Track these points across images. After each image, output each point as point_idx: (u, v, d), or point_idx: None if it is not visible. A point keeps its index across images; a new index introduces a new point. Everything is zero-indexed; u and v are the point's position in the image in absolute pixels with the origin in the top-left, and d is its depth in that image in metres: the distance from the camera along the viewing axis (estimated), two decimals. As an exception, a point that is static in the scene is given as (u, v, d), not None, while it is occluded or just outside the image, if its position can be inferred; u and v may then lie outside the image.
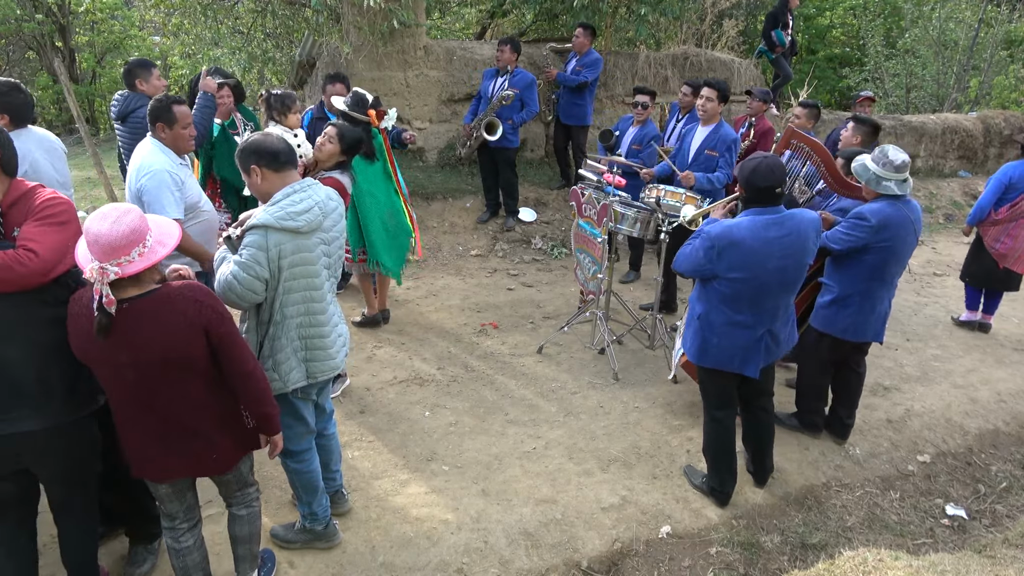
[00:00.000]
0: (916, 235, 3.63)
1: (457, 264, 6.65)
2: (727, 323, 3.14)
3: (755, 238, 2.98)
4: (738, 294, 3.07)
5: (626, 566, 3.12)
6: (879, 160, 3.51)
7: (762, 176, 2.99)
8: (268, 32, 8.81)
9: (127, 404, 2.24)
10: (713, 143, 5.06)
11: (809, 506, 3.60)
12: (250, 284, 2.46)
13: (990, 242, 5.44)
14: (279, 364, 2.64)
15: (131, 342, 2.10)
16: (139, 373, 2.15)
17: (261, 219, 2.47)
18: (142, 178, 3.27)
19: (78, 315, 2.13)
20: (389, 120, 4.52)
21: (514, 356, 4.91)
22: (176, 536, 2.49)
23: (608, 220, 4.51)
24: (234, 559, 2.71)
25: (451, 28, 12.19)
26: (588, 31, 6.90)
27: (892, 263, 3.60)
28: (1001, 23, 12.37)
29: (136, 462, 2.33)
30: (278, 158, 2.54)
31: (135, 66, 4.45)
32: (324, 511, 2.99)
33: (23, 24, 11.78)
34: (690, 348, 3.32)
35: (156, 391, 2.20)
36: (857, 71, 14.08)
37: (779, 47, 8.89)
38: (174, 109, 3.38)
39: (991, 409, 4.63)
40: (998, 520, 3.68)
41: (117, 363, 2.13)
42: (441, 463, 3.68)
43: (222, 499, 2.66)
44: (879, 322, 3.74)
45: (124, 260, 2.06)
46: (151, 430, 2.27)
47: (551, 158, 8.33)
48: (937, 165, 10.38)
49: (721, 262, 3.02)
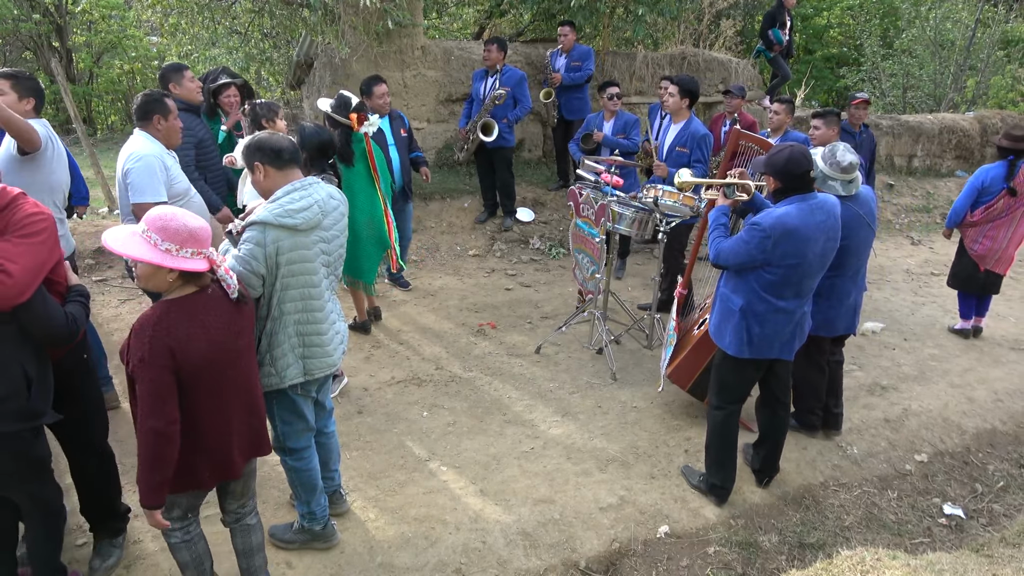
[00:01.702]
0: (871, 228, 3.70)
1: (455, 264, 6.65)
2: (771, 311, 3.16)
3: (806, 224, 3.03)
4: (786, 280, 3.10)
5: (624, 566, 3.12)
6: (827, 159, 3.55)
7: (796, 163, 3.06)
8: (266, 32, 8.80)
9: (225, 394, 2.28)
10: (683, 139, 5.12)
11: (807, 506, 3.60)
12: (247, 279, 2.49)
13: (969, 243, 5.46)
14: (276, 360, 2.66)
15: (232, 313, 2.29)
16: (248, 337, 2.38)
17: (260, 216, 2.51)
18: (129, 163, 3.39)
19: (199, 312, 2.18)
20: (370, 126, 4.42)
21: (512, 356, 4.91)
22: (187, 527, 2.48)
23: (606, 220, 4.51)
24: (245, 570, 2.69)
25: (449, 28, 12.18)
26: (572, 27, 7.09)
27: (852, 259, 3.66)
28: (998, 23, 12.39)
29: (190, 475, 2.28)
30: (281, 156, 2.58)
31: (168, 70, 4.48)
32: (323, 511, 2.99)
33: (20, 24, 11.76)
34: (731, 342, 3.28)
35: (247, 360, 2.38)
36: (854, 71, 14.10)
37: (777, 46, 8.90)
38: (167, 102, 3.54)
39: (988, 408, 4.64)
40: (995, 519, 3.68)
41: (230, 339, 2.26)
42: (439, 463, 3.68)
43: (229, 514, 2.62)
44: (849, 315, 3.81)
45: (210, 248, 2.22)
46: (228, 420, 2.31)
47: (548, 158, 8.33)
48: (934, 165, 10.40)
49: (776, 251, 3.04)
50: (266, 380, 2.66)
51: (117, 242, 2.09)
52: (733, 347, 3.28)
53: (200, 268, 2.15)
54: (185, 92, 4.40)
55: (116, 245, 2.09)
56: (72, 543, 2.99)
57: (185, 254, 2.11)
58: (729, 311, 3.28)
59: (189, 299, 2.18)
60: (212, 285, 2.25)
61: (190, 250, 2.12)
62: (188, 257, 2.12)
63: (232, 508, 2.59)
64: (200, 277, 2.21)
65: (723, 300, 3.35)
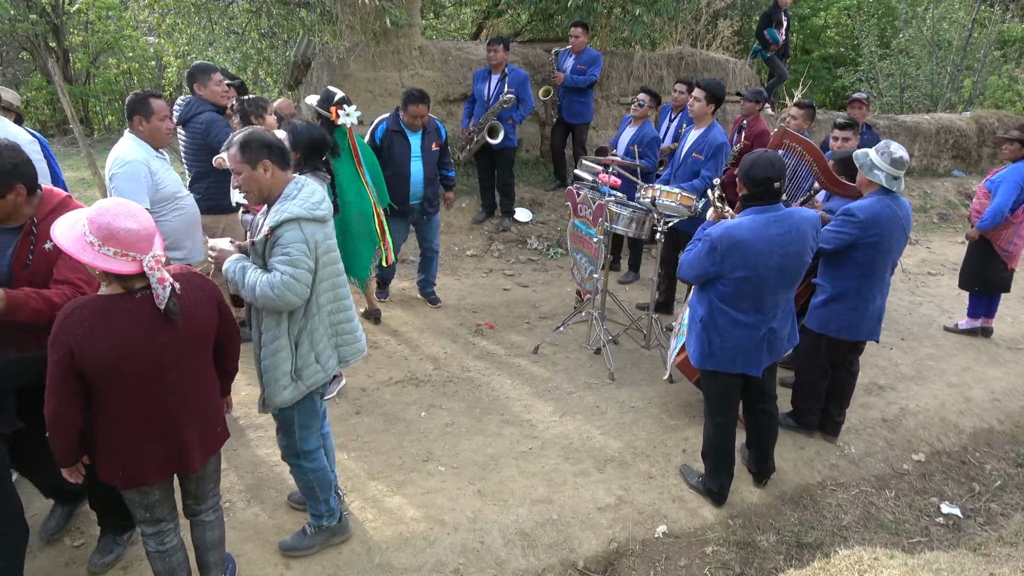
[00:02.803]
0: (905, 233, 3.66)
1: (453, 264, 6.64)
2: (730, 323, 3.14)
3: (757, 237, 2.98)
4: (740, 293, 3.07)
5: (622, 566, 3.12)
6: (880, 149, 3.55)
7: (761, 168, 2.99)
8: (263, 32, 8.78)
9: (147, 397, 2.22)
10: (700, 146, 5.02)
11: (805, 505, 3.61)
12: (305, 278, 2.48)
13: (1003, 244, 5.34)
14: (320, 355, 2.67)
15: (156, 332, 2.18)
16: (176, 352, 2.24)
17: (292, 212, 2.45)
18: (115, 167, 3.40)
19: (110, 314, 2.11)
20: (347, 117, 4.26)
21: (510, 356, 4.91)
22: (162, 539, 2.47)
23: (604, 220, 4.51)
24: (201, 565, 2.67)
25: (446, 28, 12.18)
26: (585, 29, 6.98)
27: (881, 260, 3.62)
28: (994, 23, 12.42)
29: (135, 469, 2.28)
30: (286, 158, 2.58)
31: (195, 71, 4.45)
32: (336, 503, 3.01)
33: (17, 24, 11.73)
34: (693, 352, 3.31)
35: (186, 367, 2.29)
36: (852, 71, 14.10)
37: (772, 45, 8.90)
38: (151, 102, 3.46)
39: (985, 408, 4.65)
40: (993, 518, 3.69)
41: (154, 347, 2.17)
42: (437, 464, 3.68)
43: (187, 507, 2.60)
44: (873, 320, 3.75)
45: (156, 250, 2.16)
46: (166, 421, 2.27)
47: (546, 158, 8.33)
48: (931, 165, 10.42)
49: (725, 263, 3.03)
50: (311, 379, 2.66)
51: (63, 221, 2.11)
52: (695, 357, 3.30)
53: (114, 269, 2.06)
54: (209, 94, 4.38)
55: (57, 225, 2.11)
56: (70, 544, 2.99)
57: (106, 251, 2.05)
58: (694, 320, 3.30)
59: (107, 300, 2.12)
60: (144, 292, 2.16)
61: (112, 249, 2.05)
62: (108, 255, 2.05)
63: (188, 503, 2.60)
64: (126, 280, 2.13)
65: (691, 309, 3.38)
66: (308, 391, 2.69)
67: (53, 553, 2.93)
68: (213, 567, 2.66)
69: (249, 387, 4.22)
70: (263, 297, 2.43)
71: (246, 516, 3.21)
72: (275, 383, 2.60)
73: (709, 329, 3.20)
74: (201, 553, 2.64)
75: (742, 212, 3.11)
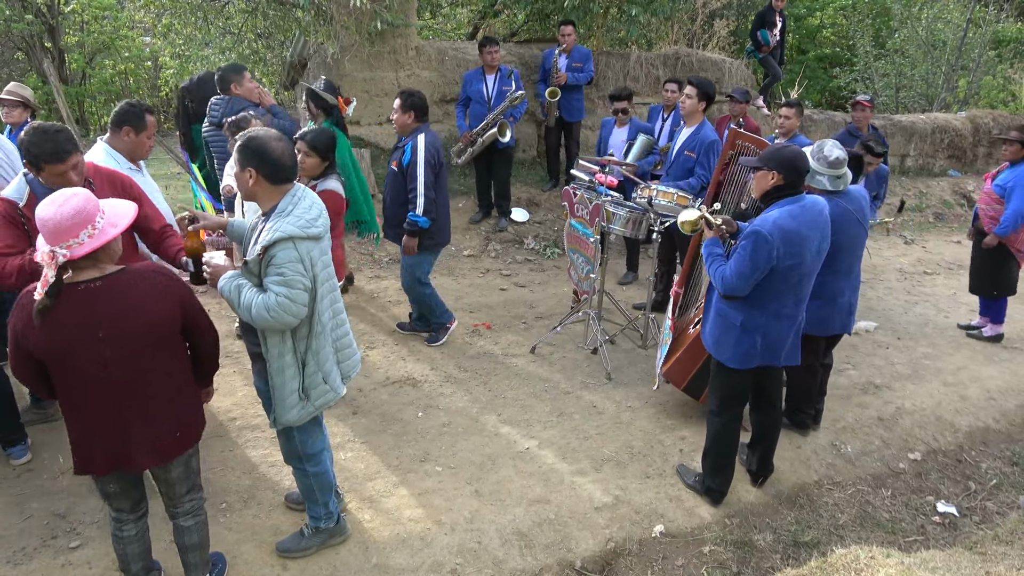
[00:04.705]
0: (863, 225, 3.69)
1: (449, 264, 6.64)
2: (774, 318, 3.14)
3: (801, 224, 3.02)
4: (785, 285, 3.08)
5: (620, 565, 3.13)
6: (815, 154, 3.54)
7: (803, 160, 3.07)
8: (259, 33, 8.77)
9: (92, 390, 2.21)
10: (692, 144, 5.01)
11: (801, 504, 3.61)
12: (301, 298, 2.42)
13: (1019, 246, 5.28)
14: (328, 375, 2.64)
15: (114, 315, 2.14)
16: (119, 348, 2.17)
17: (285, 231, 2.38)
18: None
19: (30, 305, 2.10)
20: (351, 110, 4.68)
21: (507, 356, 4.91)
22: (119, 526, 2.50)
23: (600, 220, 4.52)
24: (183, 563, 2.67)
25: (443, 28, 12.17)
26: (574, 27, 7.12)
27: (843, 257, 3.65)
28: (989, 23, 12.46)
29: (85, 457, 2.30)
30: (278, 176, 2.47)
31: (228, 71, 4.46)
32: (335, 506, 3.01)
33: (12, 24, 11.67)
34: (733, 356, 3.23)
35: (133, 365, 2.23)
36: (847, 71, 14.13)
37: (764, 46, 8.92)
38: (147, 118, 3.43)
39: (981, 407, 4.66)
40: (988, 517, 3.70)
41: (94, 341, 2.13)
42: (434, 464, 3.68)
43: (167, 509, 2.59)
44: (843, 314, 3.80)
45: (73, 242, 2.06)
46: (112, 417, 2.25)
47: (543, 158, 8.34)
48: (927, 164, 10.45)
49: (779, 254, 3.01)
50: (321, 400, 2.65)
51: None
52: (737, 360, 3.22)
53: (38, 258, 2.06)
54: (245, 92, 4.40)
55: None
56: (66, 545, 2.98)
57: (41, 240, 2.07)
58: (729, 326, 3.23)
59: None
60: (88, 285, 2.13)
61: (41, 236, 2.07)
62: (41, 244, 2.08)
63: (165, 504, 2.59)
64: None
65: (720, 315, 3.28)
66: (317, 412, 2.68)
67: (49, 555, 2.92)
68: (194, 568, 2.67)
69: (247, 387, 4.21)
70: (259, 318, 2.39)
71: (243, 517, 3.20)
72: (283, 401, 2.59)
73: (752, 331, 3.16)
74: (182, 553, 2.65)
75: (774, 204, 3.09)
